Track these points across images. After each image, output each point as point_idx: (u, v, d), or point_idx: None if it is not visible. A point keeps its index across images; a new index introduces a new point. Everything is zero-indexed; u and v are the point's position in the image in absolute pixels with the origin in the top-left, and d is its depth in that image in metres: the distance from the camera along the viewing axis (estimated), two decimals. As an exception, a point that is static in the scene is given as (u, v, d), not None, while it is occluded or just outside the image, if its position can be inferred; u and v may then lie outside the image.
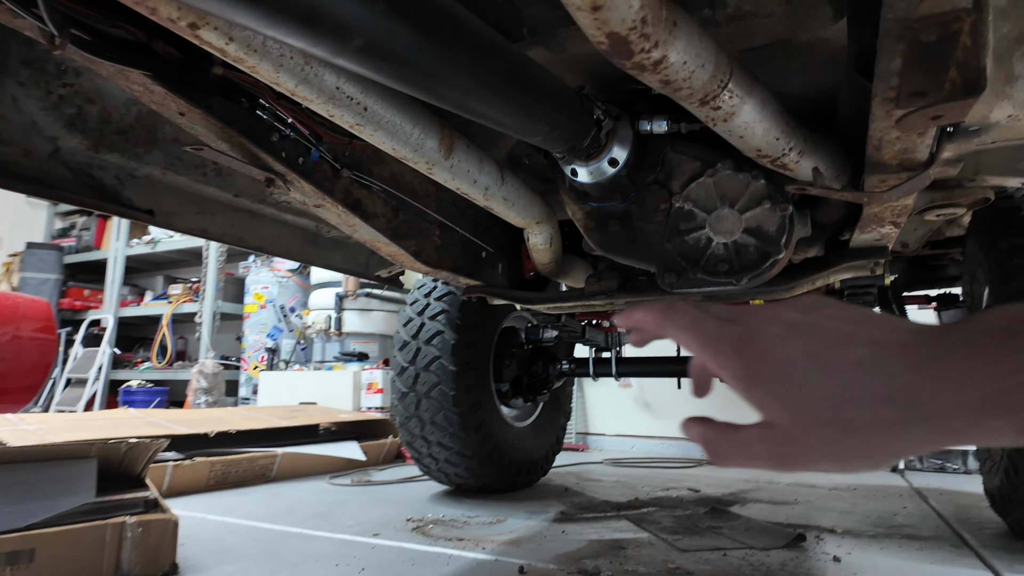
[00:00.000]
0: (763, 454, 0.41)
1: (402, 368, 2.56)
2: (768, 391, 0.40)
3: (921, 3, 0.65)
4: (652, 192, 1.29)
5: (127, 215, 1.43)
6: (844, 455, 0.39)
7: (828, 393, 0.38)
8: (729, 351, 0.41)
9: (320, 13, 0.49)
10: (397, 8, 0.55)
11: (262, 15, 0.46)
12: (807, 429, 0.39)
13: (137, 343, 6.74)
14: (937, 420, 0.36)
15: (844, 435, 0.38)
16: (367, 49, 0.56)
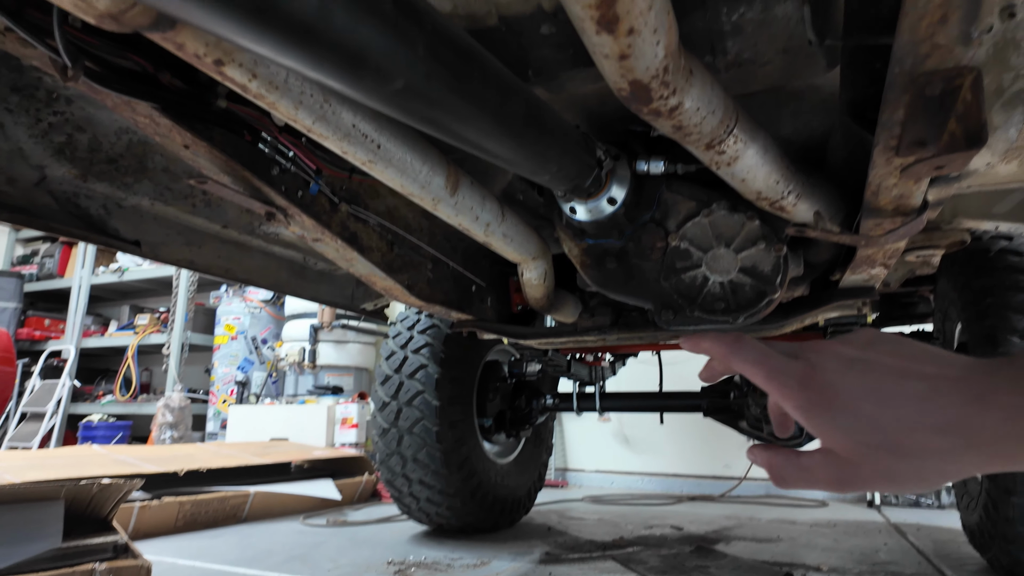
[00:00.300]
0: (824, 478, 0.45)
1: (383, 403, 2.51)
2: (829, 421, 0.43)
3: (927, 59, 0.68)
4: (649, 231, 1.31)
5: (112, 245, 1.39)
6: (899, 478, 0.43)
7: (884, 423, 0.41)
8: (794, 384, 0.45)
9: (367, 56, 0.49)
10: (435, 52, 0.56)
11: (311, 58, 0.46)
12: (864, 456, 0.43)
13: (99, 375, 6.48)
14: (986, 448, 0.39)
15: (898, 461, 0.42)
16: (404, 91, 0.56)
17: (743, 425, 2.41)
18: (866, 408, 0.42)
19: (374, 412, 2.55)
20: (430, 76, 0.58)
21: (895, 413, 0.41)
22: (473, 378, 2.68)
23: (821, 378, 0.44)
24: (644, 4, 0.56)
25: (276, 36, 0.44)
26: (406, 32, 0.53)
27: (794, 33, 0.97)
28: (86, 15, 0.59)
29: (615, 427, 4.52)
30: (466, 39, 0.64)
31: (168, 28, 0.62)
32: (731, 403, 2.49)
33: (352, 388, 5.00)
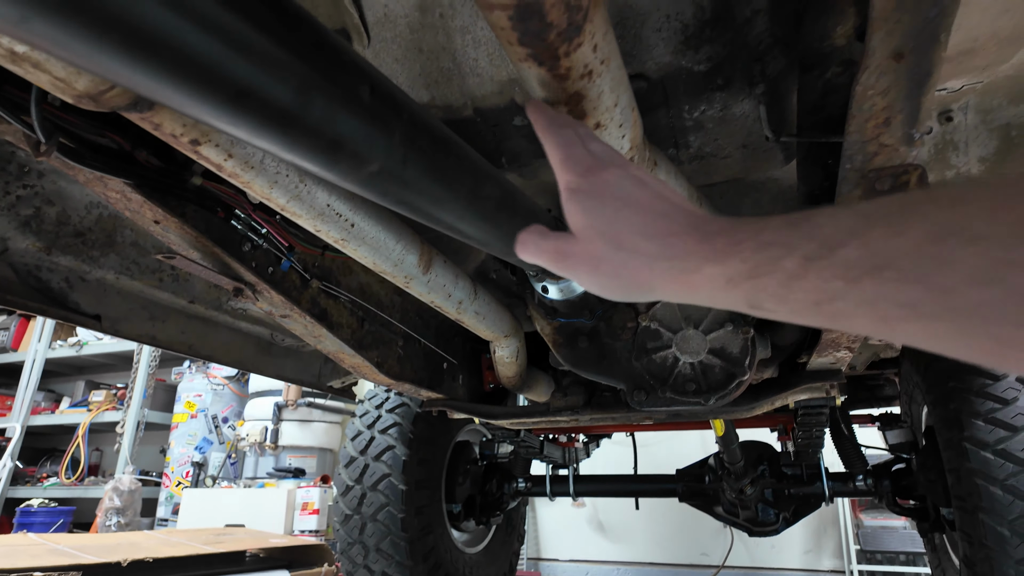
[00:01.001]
0: (550, 249, 0.56)
1: (347, 487, 2.39)
2: (581, 205, 0.53)
3: (875, 157, 0.73)
4: (619, 310, 1.33)
5: (72, 320, 1.35)
6: (602, 266, 0.51)
7: (619, 222, 0.50)
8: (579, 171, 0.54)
9: (343, 142, 0.50)
10: (411, 138, 0.58)
11: (287, 143, 0.47)
12: (589, 237, 0.52)
13: (45, 455, 6.09)
14: (675, 262, 0.47)
15: (611, 251, 0.50)
16: (379, 175, 0.57)
17: (719, 511, 2.35)
18: (615, 206, 0.51)
19: (336, 497, 2.43)
20: (406, 161, 0.60)
21: (632, 216, 0.50)
22: (442, 460, 2.59)
23: (600, 176, 0.53)
24: (610, 101, 0.60)
25: (254, 122, 0.45)
26: (384, 119, 0.55)
27: (752, 130, 1.03)
28: (64, 95, 0.60)
29: (590, 513, 4.37)
30: (441, 127, 0.66)
31: (146, 109, 0.63)
32: (706, 487, 2.44)
33: (315, 471, 4.78)
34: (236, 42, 0.40)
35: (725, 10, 0.86)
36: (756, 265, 0.41)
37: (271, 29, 0.42)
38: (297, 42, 0.44)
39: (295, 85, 0.45)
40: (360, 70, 0.51)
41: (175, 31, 0.37)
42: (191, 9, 0.37)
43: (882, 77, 0.62)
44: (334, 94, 0.48)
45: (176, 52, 0.37)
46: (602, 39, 0.53)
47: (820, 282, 0.37)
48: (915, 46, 0.59)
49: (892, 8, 0.56)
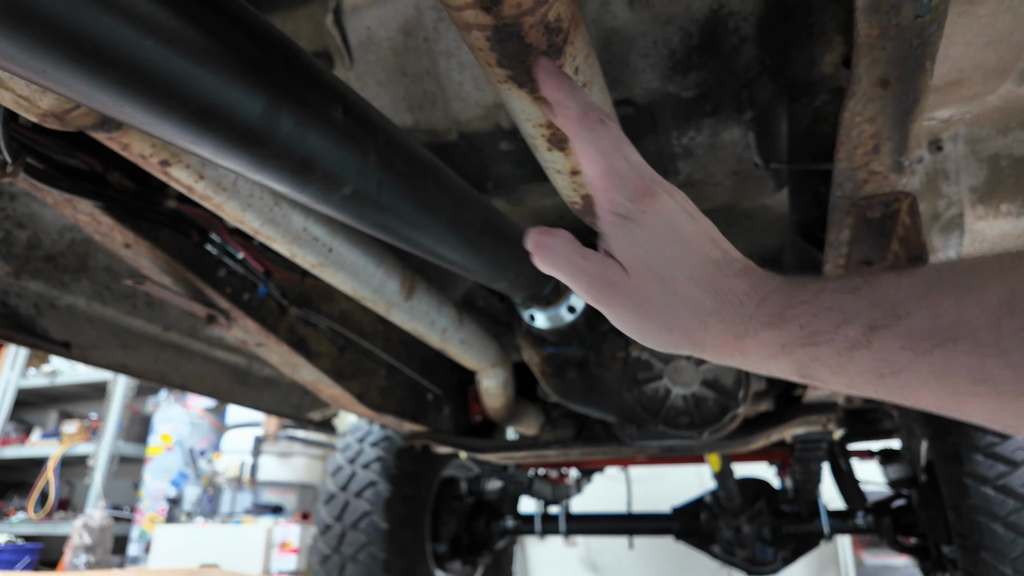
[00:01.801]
0: (591, 273, 0.47)
1: (326, 526, 2.30)
2: (633, 233, 0.46)
3: (865, 184, 0.71)
4: (609, 340, 1.30)
5: (39, 347, 1.29)
6: (650, 307, 0.45)
7: (677, 266, 0.45)
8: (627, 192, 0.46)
9: (313, 162, 0.47)
10: (387, 160, 0.55)
11: (254, 162, 0.44)
12: (639, 272, 0.45)
13: (11, 489, 5.86)
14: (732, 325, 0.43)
15: (661, 291, 0.45)
16: (353, 197, 0.54)
17: (716, 550, 2.28)
18: (672, 245, 0.45)
19: (315, 536, 2.33)
20: (381, 184, 0.57)
21: (690, 261, 0.44)
22: (427, 497, 2.50)
23: (653, 204, 0.46)
24: (597, 120, 0.57)
25: (218, 141, 0.42)
26: (357, 141, 0.52)
27: (742, 156, 1.02)
28: (28, 114, 0.57)
29: (582, 552, 4.25)
30: (420, 150, 0.63)
31: (114, 129, 0.60)
32: (703, 525, 2.37)
33: (294, 507, 4.62)
34: (198, 59, 0.37)
35: (713, 37, 0.85)
36: (814, 332, 0.38)
37: (236, 47, 0.39)
38: (265, 60, 0.42)
39: (262, 104, 0.42)
40: (333, 90, 0.49)
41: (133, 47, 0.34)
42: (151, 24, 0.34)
43: (869, 104, 0.60)
44: (304, 113, 0.46)
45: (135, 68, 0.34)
46: (583, 62, 0.51)
47: (885, 353, 0.35)
48: (901, 74, 0.58)
49: (876, 35, 0.55)
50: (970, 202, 1.17)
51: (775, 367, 0.42)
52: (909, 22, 0.54)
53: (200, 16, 0.37)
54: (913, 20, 0.54)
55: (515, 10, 0.44)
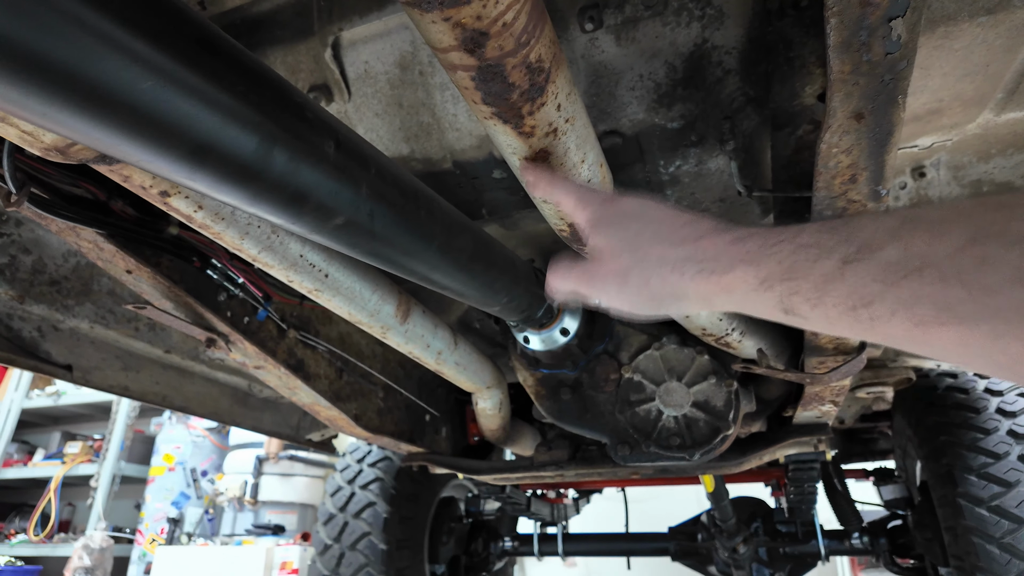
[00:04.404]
0: (576, 276, 0.58)
1: (325, 547, 2.30)
2: (605, 229, 0.55)
3: (844, 212, 0.73)
4: (602, 362, 1.31)
5: (42, 370, 1.31)
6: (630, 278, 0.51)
7: (645, 235, 0.51)
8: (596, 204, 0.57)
9: (307, 195, 0.50)
10: (379, 191, 0.58)
11: (249, 196, 0.47)
12: (613, 253, 0.53)
13: (14, 510, 5.85)
14: (707, 263, 0.46)
15: (635, 262, 0.51)
16: (346, 227, 0.56)
17: (712, 570, 2.27)
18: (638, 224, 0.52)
19: (314, 557, 2.33)
20: (373, 214, 0.59)
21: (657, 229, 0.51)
22: (426, 518, 2.50)
23: (615, 204, 0.56)
24: (576, 157, 0.60)
25: (213, 176, 0.45)
26: (349, 173, 0.55)
27: (728, 184, 1.04)
28: (33, 147, 0.60)
29: (582, 573, 4.21)
30: (412, 181, 0.66)
31: (114, 161, 0.63)
32: (699, 546, 2.36)
33: (295, 528, 4.60)
34: (194, 100, 0.40)
35: (697, 70, 0.88)
36: (791, 267, 0.41)
37: (231, 87, 0.42)
38: (258, 100, 0.44)
39: (256, 141, 0.45)
40: (325, 125, 0.51)
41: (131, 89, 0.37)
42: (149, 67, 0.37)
43: (845, 136, 0.63)
44: (297, 149, 0.48)
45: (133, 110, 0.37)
46: (566, 99, 0.54)
47: (857, 285, 0.37)
48: (874, 107, 0.60)
49: (849, 71, 0.57)
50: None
51: (757, 302, 0.44)
52: (880, 59, 0.57)
53: (196, 58, 0.40)
54: (884, 57, 0.57)
55: (497, 52, 0.46)
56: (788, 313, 0.42)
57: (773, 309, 0.43)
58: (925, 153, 1.13)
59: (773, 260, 0.42)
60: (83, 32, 0.33)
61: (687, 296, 0.49)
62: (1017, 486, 1.62)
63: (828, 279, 0.38)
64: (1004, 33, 0.86)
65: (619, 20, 0.85)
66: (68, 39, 0.32)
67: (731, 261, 0.45)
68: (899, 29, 0.55)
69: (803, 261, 0.40)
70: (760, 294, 0.43)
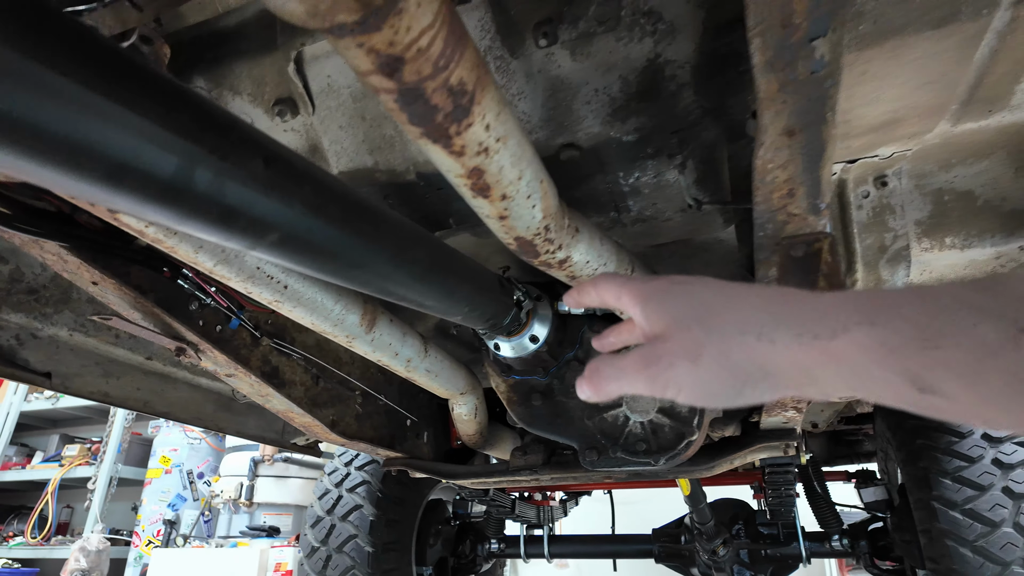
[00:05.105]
0: (632, 364, 0.45)
1: (312, 549, 2.31)
2: (658, 303, 0.46)
3: (786, 225, 0.75)
4: (572, 368, 1.32)
5: (19, 378, 1.33)
6: (704, 353, 0.41)
7: (715, 302, 0.43)
8: (641, 284, 0.50)
9: (237, 213, 0.51)
10: (316, 207, 0.59)
11: (174, 215, 0.48)
12: (676, 330, 0.43)
13: (12, 513, 5.88)
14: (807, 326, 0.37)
15: (707, 333, 0.41)
16: (283, 242, 0.58)
17: (695, 572, 2.28)
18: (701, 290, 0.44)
19: (301, 559, 2.34)
20: (311, 230, 0.61)
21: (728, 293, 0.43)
22: (413, 520, 2.51)
23: (664, 278, 0.49)
24: (513, 175, 0.62)
25: (134, 197, 0.46)
26: (282, 190, 0.56)
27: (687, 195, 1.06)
28: (-16, 166, 0.62)
29: (573, 573, 4.22)
30: (354, 195, 0.67)
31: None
32: (682, 548, 2.37)
33: (290, 529, 4.62)
34: (104, 122, 0.41)
35: (651, 84, 0.90)
36: (938, 333, 0.32)
37: (145, 109, 0.43)
38: (177, 120, 0.46)
39: (175, 162, 0.46)
40: (254, 144, 0.53)
41: (36, 112, 0.38)
42: (53, 90, 0.38)
43: (778, 152, 0.64)
44: (221, 168, 0.50)
45: (36, 135, 0.39)
46: (495, 119, 0.55)
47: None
48: (805, 124, 0.62)
49: (776, 90, 0.59)
50: (916, 235, 1.20)
51: (879, 375, 0.34)
52: (806, 78, 0.59)
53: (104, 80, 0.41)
54: (809, 76, 0.58)
55: (416, 76, 0.48)
56: (924, 391, 0.33)
57: (901, 386, 0.34)
58: (886, 163, 1.14)
59: (907, 323, 0.33)
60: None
61: (779, 370, 0.39)
62: (991, 490, 1.63)
63: (995, 349, 0.30)
64: (954, 45, 0.87)
65: (574, 35, 0.87)
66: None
67: (841, 322, 0.35)
68: (822, 49, 0.56)
69: (953, 324, 0.32)
70: (883, 365, 0.34)
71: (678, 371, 0.43)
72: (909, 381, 0.34)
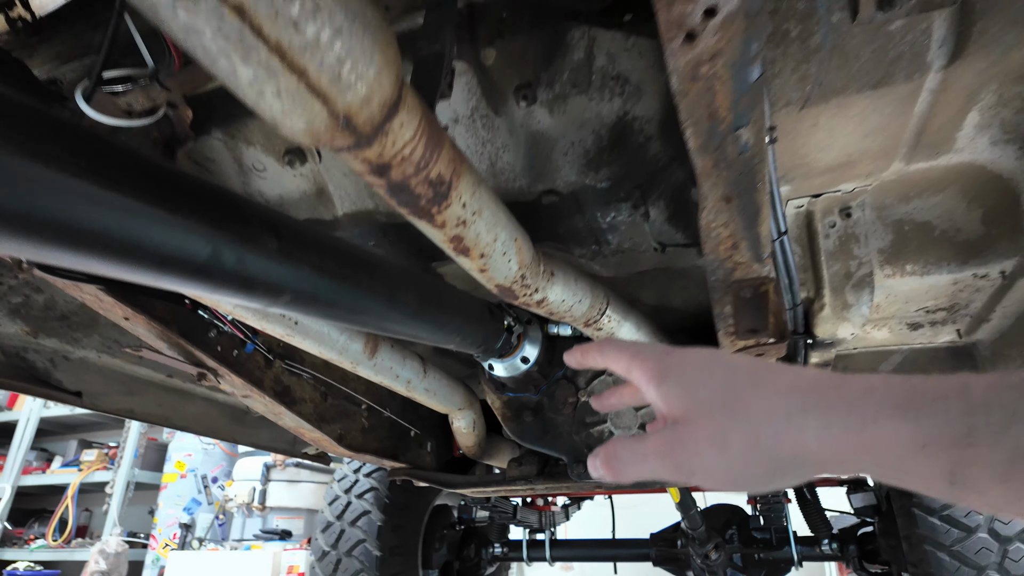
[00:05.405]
0: (654, 449, 0.43)
1: (323, 553, 2.43)
2: (676, 384, 0.43)
3: (734, 271, 0.84)
4: (561, 387, 1.42)
5: (54, 397, 1.45)
6: (731, 442, 0.39)
7: (738, 385, 0.40)
8: (653, 357, 0.47)
9: (254, 282, 0.62)
10: (320, 268, 0.70)
11: (206, 288, 0.59)
12: (700, 415, 0.41)
13: (33, 516, 6.05)
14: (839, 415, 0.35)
15: (734, 422, 0.39)
16: (294, 300, 0.69)
17: None
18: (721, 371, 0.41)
19: (312, 563, 2.46)
20: (317, 287, 0.71)
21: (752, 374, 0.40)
22: (419, 525, 2.62)
23: (679, 354, 0.46)
24: (488, 238, 0.72)
25: (176, 278, 0.57)
26: (292, 259, 0.67)
27: (663, 231, 1.15)
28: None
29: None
30: (354, 252, 0.78)
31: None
32: (679, 552, 2.46)
33: (302, 532, 4.75)
34: (157, 226, 0.52)
35: (620, 138, 1.00)
36: (971, 430, 0.32)
37: (184, 210, 0.54)
38: (208, 217, 0.57)
39: (209, 249, 0.57)
40: (268, 225, 0.64)
41: (103, 227, 0.49)
42: (115, 207, 0.49)
43: (720, 214, 0.74)
44: (243, 248, 0.60)
45: (101, 240, 0.49)
46: (471, 197, 0.66)
47: None
48: (739, 192, 0.71)
49: (711, 167, 0.69)
50: (879, 262, 1.29)
51: (915, 468, 0.34)
52: (735, 158, 0.68)
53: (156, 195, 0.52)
54: (738, 156, 0.68)
55: (401, 176, 0.58)
56: (956, 485, 0.34)
57: (932, 478, 0.34)
58: (849, 196, 1.23)
59: (940, 418, 0.33)
60: (69, 193, 0.45)
61: (810, 457, 0.37)
62: None
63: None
64: (892, 102, 0.96)
65: (550, 96, 0.97)
66: (69, 207, 0.45)
67: (872, 413, 0.35)
68: (746, 135, 0.66)
69: (987, 425, 0.32)
70: (919, 459, 0.34)
71: (705, 459, 0.41)
72: (941, 474, 0.34)
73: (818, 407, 0.37)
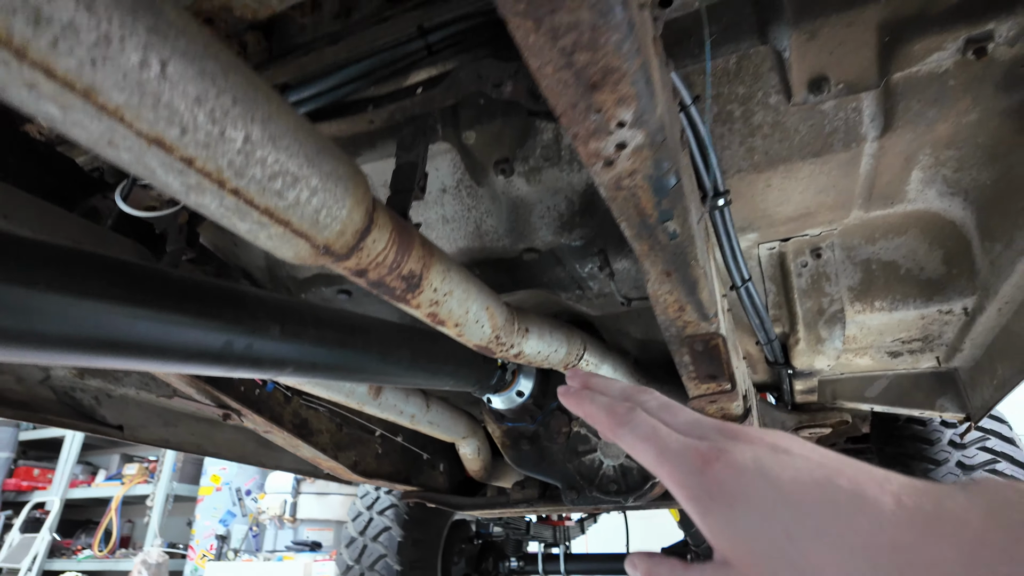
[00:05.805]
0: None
1: (347, 567, 2.57)
2: (727, 520, 0.35)
3: (685, 328, 0.95)
4: (555, 417, 1.53)
5: (99, 432, 1.62)
6: None
7: (792, 532, 0.33)
8: (689, 468, 0.37)
9: (262, 360, 0.75)
10: (318, 340, 0.82)
11: (221, 369, 0.72)
12: (754, 563, 0.35)
13: (80, 528, 6.37)
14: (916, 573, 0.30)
15: None
16: (298, 370, 0.81)
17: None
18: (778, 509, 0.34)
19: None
20: (316, 358, 0.84)
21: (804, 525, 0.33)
22: (438, 539, 2.74)
23: (719, 470, 0.36)
24: (460, 311, 0.84)
25: (197, 366, 0.70)
26: (293, 339, 0.80)
27: (638, 280, 1.26)
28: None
29: (598, 586, 4.38)
30: (350, 321, 0.91)
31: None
32: (687, 566, 2.53)
33: (332, 544, 4.92)
34: (182, 329, 0.65)
35: (590, 203, 1.11)
36: None
37: (205, 315, 0.67)
38: (221, 315, 0.70)
39: (222, 340, 0.70)
40: (272, 314, 0.77)
41: (144, 338, 0.62)
42: (154, 320, 0.63)
43: (663, 285, 0.84)
44: (250, 337, 0.73)
45: (138, 349, 0.63)
46: (441, 283, 0.77)
47: None
48: (676, 268, 0.82)
49: (648, 249, 0.79)
50: (849, 299, 1.37)
51: None
52: (667, 243, 0.79)
53: (182, 304, 0.65)
54: (669, 241, 0.79)
55: (377, 276, 0.71)
56: None
57: None
58: (818, 239, 1.31)
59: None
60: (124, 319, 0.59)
61: None
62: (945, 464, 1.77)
63: None
64: (836, 167, 1.05)
65: (526, 169, 1.09)
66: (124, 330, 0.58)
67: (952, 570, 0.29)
68: (673, 226, 0.76)
69: None
70: None
71: None
72: None
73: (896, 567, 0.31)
